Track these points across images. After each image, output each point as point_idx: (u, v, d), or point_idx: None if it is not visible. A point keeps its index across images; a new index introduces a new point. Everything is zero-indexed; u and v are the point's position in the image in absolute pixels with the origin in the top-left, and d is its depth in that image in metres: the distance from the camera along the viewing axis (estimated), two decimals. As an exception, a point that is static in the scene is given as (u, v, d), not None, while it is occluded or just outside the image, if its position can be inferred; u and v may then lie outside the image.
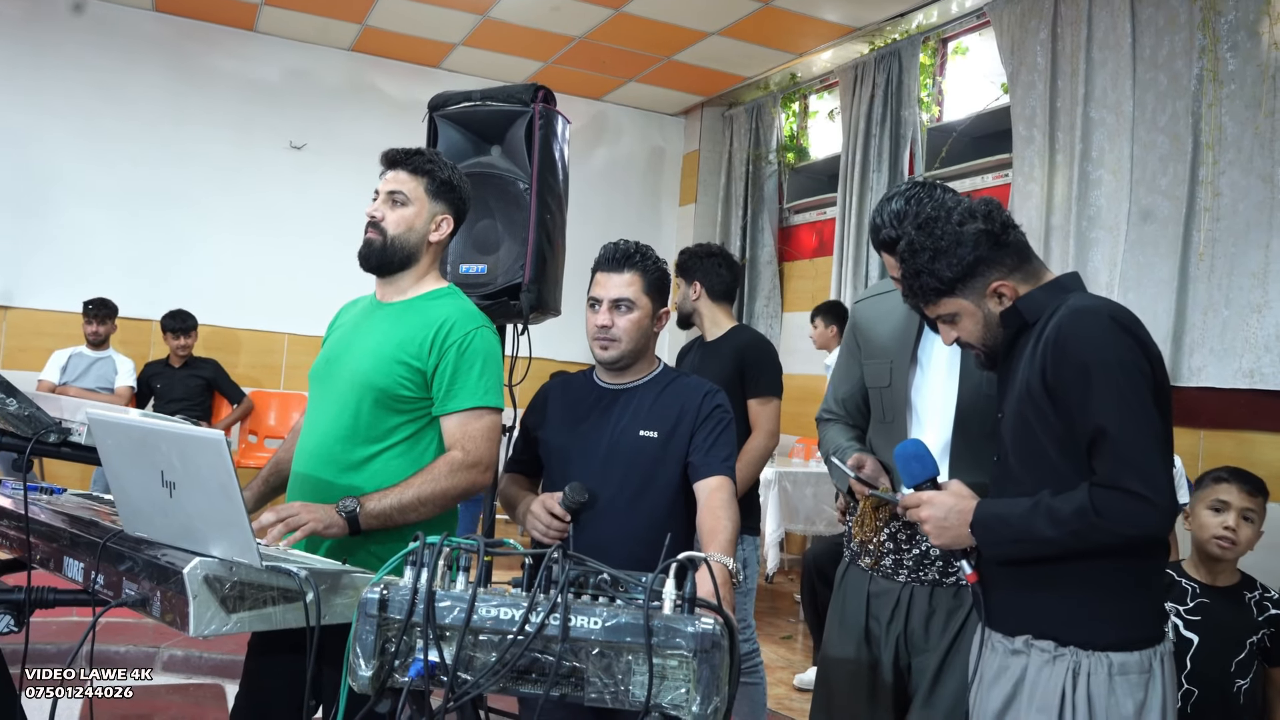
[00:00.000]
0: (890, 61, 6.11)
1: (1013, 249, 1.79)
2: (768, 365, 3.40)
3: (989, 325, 1.81)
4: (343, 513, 2.02)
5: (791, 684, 4.41)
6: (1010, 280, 1.78)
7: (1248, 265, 3.96)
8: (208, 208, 6.77)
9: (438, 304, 2.27)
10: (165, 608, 1.52)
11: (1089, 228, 4.62)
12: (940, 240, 1.78)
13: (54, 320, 6.42)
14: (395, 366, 2.19)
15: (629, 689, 1.34)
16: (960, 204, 1.85)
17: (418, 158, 2.30)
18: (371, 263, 2.29)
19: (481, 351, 2.22)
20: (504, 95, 3.17)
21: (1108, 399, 1.63)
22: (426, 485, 2.11)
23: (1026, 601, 1.76)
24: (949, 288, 1.79)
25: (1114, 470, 1.62)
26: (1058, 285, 1.79)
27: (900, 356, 2.20)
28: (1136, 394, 1.63)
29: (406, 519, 2.10)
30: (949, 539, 1.81)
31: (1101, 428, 1.63)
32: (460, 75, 7.23)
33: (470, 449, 2.17)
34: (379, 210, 2.27)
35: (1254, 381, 3.90)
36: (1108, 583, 1.70)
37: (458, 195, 2.33)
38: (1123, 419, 1.62)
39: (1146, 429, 1.62)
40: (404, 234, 2.27)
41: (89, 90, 6.54)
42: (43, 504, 1.99)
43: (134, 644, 4.28)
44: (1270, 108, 3.93)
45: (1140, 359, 1.65)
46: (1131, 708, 1.67)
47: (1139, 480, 1.60)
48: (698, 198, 7.89)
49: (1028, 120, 4.99)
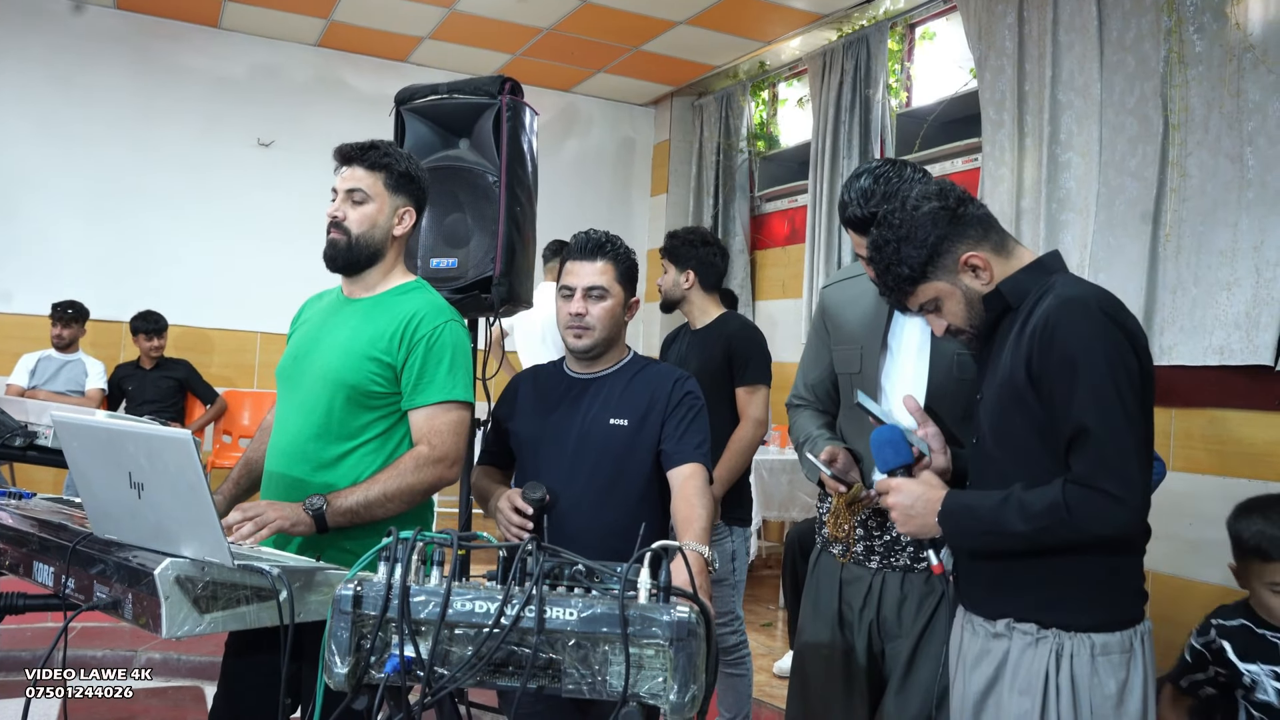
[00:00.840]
0: (858, 48, 6.12)
1: (973, 221, 1.79)
2: (756, 353, 3.41)
3: (972, 303, 1.79)
4: (309, 510, 2.01)
5: (771, 671, 4.43)
6: (979, 251, 1.77)
7: (1216, 244, 4.00)
8: (176, 207, 6.69)
9: (406, 299, 2.26)
10: (137, 610, 1.50)
11: (1059, 210, 4.65)
12: (900, 229, 1.78)
13: (20, 324, 6.33)
14: (365, 363, 2.17)
15: (606, 679, 1.33)
16: (915, 189, 1.84)
17: (373, 152, 2.26)
18: (338, 263, 2.27)
19: (450, 345, 2.20)
20: (471, 88, 3.14)
21: (1092, 397, 1.63)
22: (393, 481, 2.10)
23: (1007, 585, 1.77)
24: (920, 272, 1.78)
25: (1091, 470, 1.62)
26: (1040, 266, 1.79)
27: (870, 342, 2.20)
28: (1121, 393, 1.62)
29: (374, 515, 2.08)
30: (915, 527, 1.81)
31: (1084, 426, 1.63)
32: (428, 69, 7.19)
33: (437, 444, 2.16)
34: (340, 210, 2.24)
35: (1224, 358, 3.94)
36: (1088, 566, 1.71)
37: (417, 186, 2.31)
38: (1105, 419, 1.62)
39: (1128, 431, 1.62)
40: (368, 231, 2.24)
41: (51, 89, 6.44)
42: (11, 508, 1.96)
43: (111, 648, 4.24)
44: (1236, 88, 3.96)
45: (1128, 353, 1.65)
46: (1114, 687, 1.68)
47: (1115, 481, 1.60)
48: (669, 188, 7.88)
49: (996, 104, 5.02)
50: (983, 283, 1.78)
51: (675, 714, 1.30)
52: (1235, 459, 4.02)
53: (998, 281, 1.78)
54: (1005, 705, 1.74)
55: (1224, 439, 4.06)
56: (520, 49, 6.92)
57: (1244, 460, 4.00)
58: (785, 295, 6.99)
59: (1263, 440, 3.93)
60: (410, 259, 3.14)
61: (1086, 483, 1.62)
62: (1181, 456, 4.17)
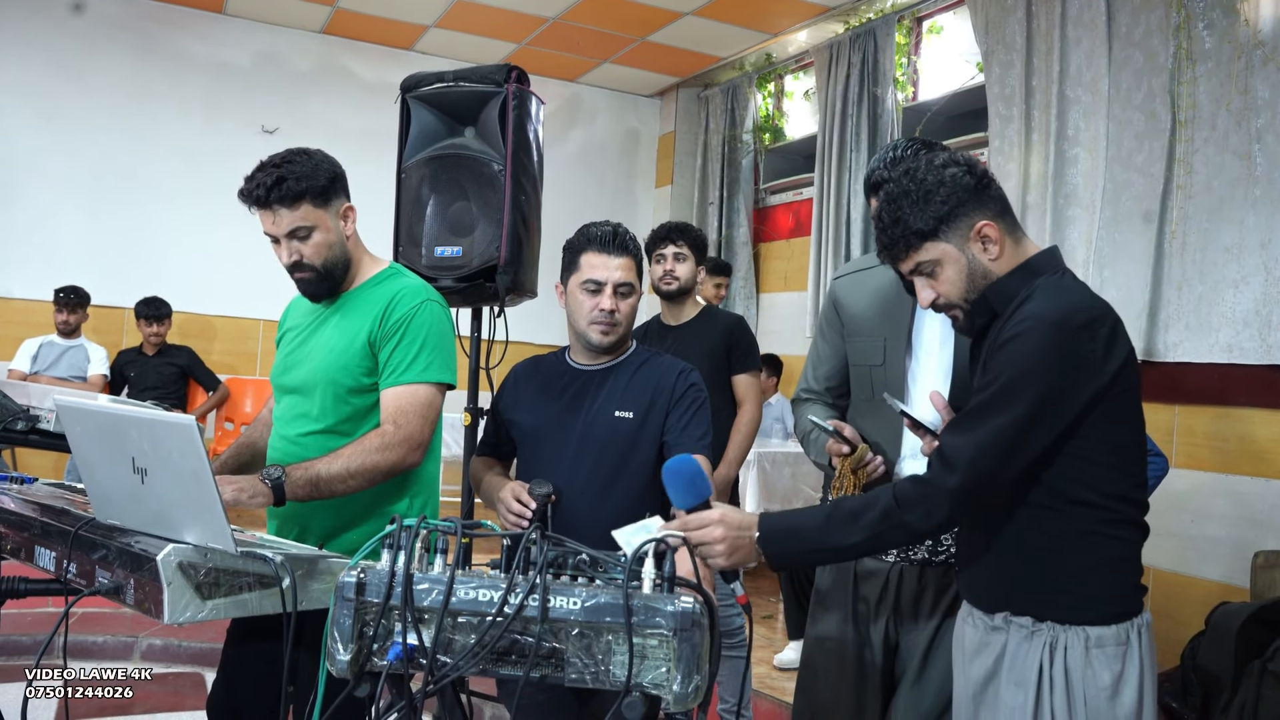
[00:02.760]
0: (865, 41, 6.10)
1: (995, 197, 1.77)
2: (753, 342, 3.62)
3: (972, 275, 1.76)
4: (267, 480, 1.96)
5: (771, 664, 4.43)
6: (995, 223, 1.74)
7: (1222, 241, 3.98)
8: (179, 194, 6.68)
9: (382, 286, 2.25)
10: (139, 596, 1.50)
11: (1065, 205, 4.63)
12: (922, 184, 1.74)
13: (23, 309, 6.33)
14: (352, 358, 2.17)
15: (609, 669, 1.33)
16: (941, 156, 1.82)
17: (286, 185, 2.11)
18: (322, 295, 2.25)
19: (424, 326, 2.18)
20: (477, 76, 3.13)
21: (990, 393, 1.65)
22: (355, 458, 2.05)
23: (1005, 579, 1.76)
24: (932, 228, 1.74)
25: (945, 454, 1.65)
26: (1028, 269, 1.76)
27: (894, 334, 2.16)
28: (1015, 396, 1.63)
29: (334, 490, 2.03)
30: (741, 556, 1.71)
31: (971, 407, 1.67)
32: (433, 57, 7.16)
33: (401, 424, 2.11)
34: (293, 253, 2.16)
35: (1233, 356, 3.93)
36: (1085, 560, 1.70)
37: (339, 178, 2.22)
38: (985, 412, 1.64)
39: (998, 432, 1.63)
40: (330, 255, 2.19)
41: (53, 76, 6.43)
42: (13, 493, 1.96)
43: (112, 634, 4.25)
44: (1244, 85, 3.94)
45: (1055, 372, 1.63)
46: (1108, 679, 1.68)
47: (959, 471, 1.63)
48: (673, 179, 7.86)
49: (1004, 99, 5.00)
50: (990, 257, 1.75)
51: (679, 704, 1.30)
52: (1238, 456, 4.01)
53: (1002, 269, 1.76)
54: (1003, 698, 1.74)
55: (1227, 436, 4.05)
56: (526, 38, 6.90)
57: (1247, 458, 3.99)
58: (788, 288, 6.98)
59: (1266, 438, 3.92)
60: (416, 247, 3.13)
61: (927, 478, 1.65)
62: (1184, 453, 4.16)
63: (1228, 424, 4.06)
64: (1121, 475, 1.71)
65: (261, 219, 2.16)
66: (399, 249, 3.19)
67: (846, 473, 2.12)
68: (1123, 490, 1.72)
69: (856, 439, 2.11)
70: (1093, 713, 1.67)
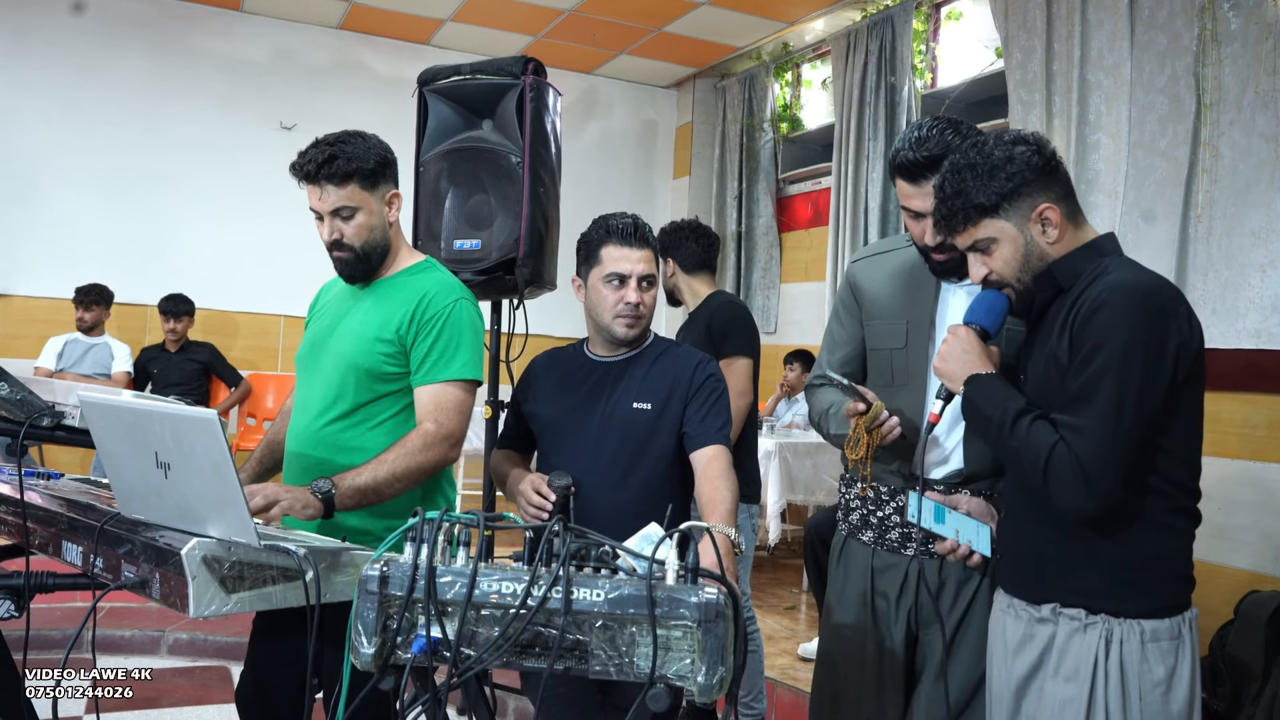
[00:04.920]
0: (883, 28, 6.05)
1: (1061, 181, 1.75)
2: (734, 326, 3.41)
3: (1029, 256, 1.75)
4: (317, 494, 1.98)
5: (796, 654, 4.42)
6: (1057, 207, 1.73)
7: (1248, 225, 3.93)
8: (199, 191, 6.71)
9: (417, 279, 2.26)
10: (164, 589, 1.51)
11: (1087, 191, 4.58)
12: (991, 156, 1.73)
13: (46, 307, 6.38)
14: (378, 345, 2.18)
15: (633, 660, 1.32)
16: (1010, 133, 1.80)
17: (337, 164, 2.16)
18: (357, 278, 2.27)
19: (459, 324, 2.20)
20: (494, 68, 3.13)
21: (1097, 380, 1.62)
22: (401, 461, 2.08)
23: (1053, 569, 1.74)
24: (994, 205, 1.73)
25: (1078, 446, 1.63)
26: (1094, 249, 1.75)
27: (918, 317, 2.13)
28: (1123, 386, 1.61)
29: (382, 496, 2.07)
30: (946, 370, 1.85)
31: (1081, 399, 1.63)
32: (449, 51, 7.16)
33: (443, 421, 2.15)
34: (335, 231, 2.20)
35: (1261, 341, 3.87)
36: (1145, 550, 1.68)
37: (389, 164, 2.25)
38: (1100, 407, 1.62)
39: (1115, 424, 1.61)
40: (370, 238, 2.22)
41: (71, 74, 6.45)
42: (40, 488, 1.98)
43: (139, 628, 4.29)
44: (1272, 66, 3.88)
45: (1154, 350, 1.61)
46: (1163, 673, 1.66)
47: (1092, 465, 1.61)
48: (691, 170, 7.84)
49: (1025, 84, 4.95)
50: (1048, 240, 1.73)
51: (703, 695, 1.29)
52: (1266, 443, 3.96)
53: (1059, 252, 1.74)
54: (1049, 692, 1.72)
55: (1255, 423, 4.00)
56: (541, 31, 6.89)
57: (1275, 445, 3.94)
58: (808, 278, 6.95)
59: (1295, 424, 3.88)
60: (434, 241, 3.13)
61: (1072, 456, 1.62)
62: (1211, 441, 4.07)
63: (1255, 410, 4.01)
64: (1184, 463, 1.70)
65: (309, 194, 2.22)
66: (417, 243, 3.20)
67: (861, 432, 2.07)
68: (1184, 478, 1.70)
69: (873, 398, 2.07)
70: (1147, 708, 1.65)
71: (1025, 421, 1.68)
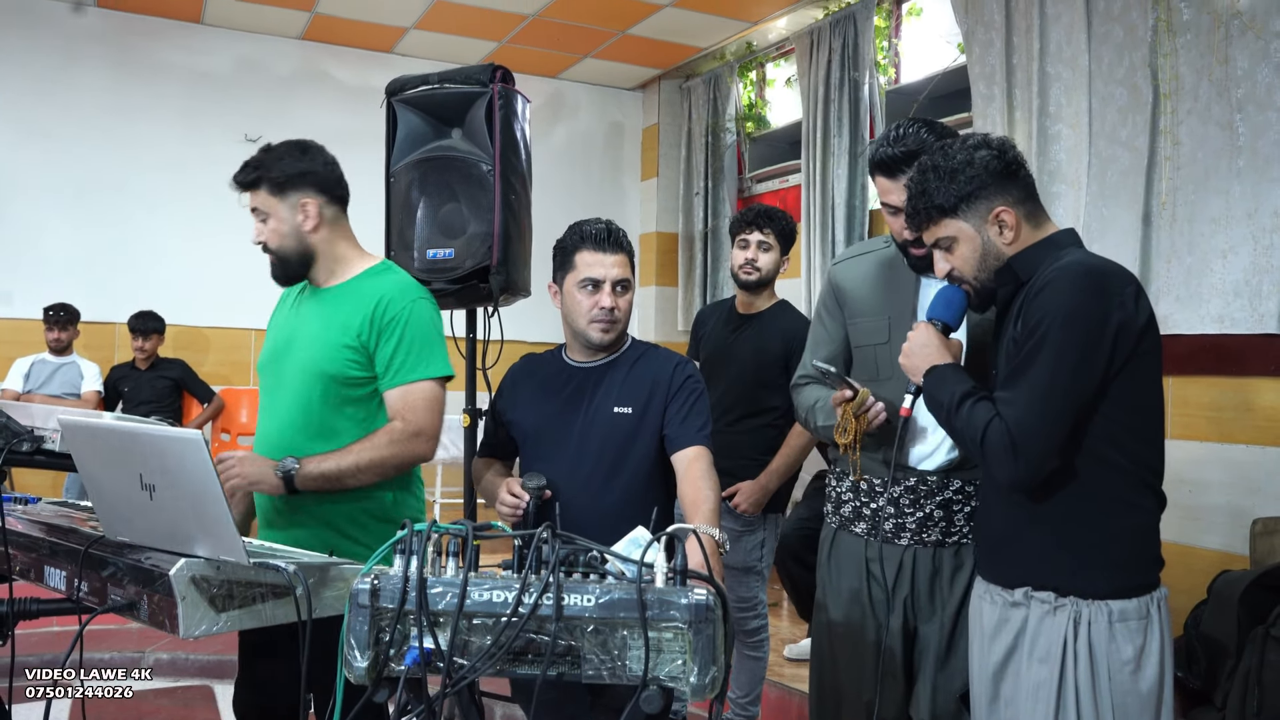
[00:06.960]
0: (845, 25, 6.10)
1: (1019, 183, 1.83)
2: None
3: (985, 255, 1.82)
4: (279, 472, 2.06)
5: (781, 653, 4.44)
6: (1014, 210, 1.80)
7: (1209, 212, 4.00)
8: (165, 206, 6.64)
9: (373, 282, 2.28)
10: (153, 611, 1.50)
11: (1050, 182, 4.64)
12: (952, 161, 1.81)
13: (11, 328, 6.29)
14: (340, 350, 2.20)
15: (625, 663, 1.34)
16: (975, 136, 1.89)
17: (246, 171, 2.29)
18: (280, 281, 2.37)
19: (420, 323, 2.22)
20: (462, 77, 3.13)
21: (1035, 352, 1.69)
22: (366, 453, 2.12)
23: (1024, 553, 1.78)
24: (952, 207, 1.81)
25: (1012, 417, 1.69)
26: (1051, 243, 1.81)
27: (899, 311, 2.19)
28: (1066, 350, 1.67)
29: (344, 484, 2.12)
30: (909, 365, 1.92)
31: (1019, 374, 1.71)
32: (414, 59, 7.13)
33: (411, 419, 2.17)
34: (257, 233, 2.32)
35: (1225, 327, 3.94)
36: (1104, 533, 1.72)
37: (308, 175, 2.28)
38: (1036, 377, 1.68)
39: (1047, 395, 1.68)
40: (281, 242, 2.29)
41: (31, 90, 6.36)
42: (18, 514, 1.96)
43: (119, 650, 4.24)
44: (1224, 55, 3.96)
45: (1099, 319, 1.67)
46: (1131, 652, 1.70)
47: (1024, 437, 1.68)
48: (659, 171, 7.86)
49: (985, 78, 5.00)
50: (1005, 241, 1.81)
51: (696, 695, 1.31)
52: (1234, 425, 4.04)
53: (1015, 252, 1.80)
54: (1024, 674, 1.75)
55: (1222, 406, 4.07)
56: (506, 36, 6.88)
57: (1242, 426, 4.01)
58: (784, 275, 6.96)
59: (1261, 406, 3.95)
60: (407, 251, 3.13)
61: (1003, 426, 1.69)
62: (1181, 424, 4.18)
63: (1222, 394, 4.09)
64: (1144, 439, 1.74)
65: None
66: (390, 253, 3.19)
67: (849, 418, 2.13)
68: (1149, 457, 1.75)
69: (859, 385, 2.13)
70: (1116, 687, 1.69)
71: (969, 403, 1.76)
